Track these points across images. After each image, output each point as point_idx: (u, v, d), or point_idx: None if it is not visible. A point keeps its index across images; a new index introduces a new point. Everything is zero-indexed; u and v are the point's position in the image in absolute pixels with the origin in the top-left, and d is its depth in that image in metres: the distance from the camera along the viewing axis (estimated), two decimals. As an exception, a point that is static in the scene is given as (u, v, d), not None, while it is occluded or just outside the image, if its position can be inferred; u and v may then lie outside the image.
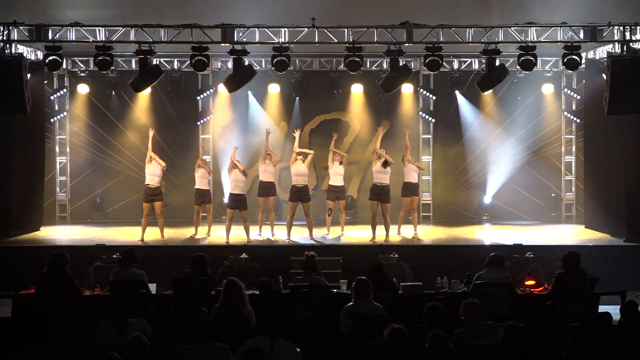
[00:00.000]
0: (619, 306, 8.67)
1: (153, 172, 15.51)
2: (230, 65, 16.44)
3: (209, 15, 15.34)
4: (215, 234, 16.19)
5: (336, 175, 15.89)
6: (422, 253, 14.40)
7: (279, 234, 15.95)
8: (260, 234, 16.05)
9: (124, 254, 10.80)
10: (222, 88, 17.50)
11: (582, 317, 9.20)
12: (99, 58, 15.13)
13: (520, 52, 15.24)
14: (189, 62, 15.71)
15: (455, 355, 7.31)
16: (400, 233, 16.17)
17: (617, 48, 15.09)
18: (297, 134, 16.10)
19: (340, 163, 15.87)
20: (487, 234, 17.09)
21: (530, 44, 15.21)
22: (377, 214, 15.36)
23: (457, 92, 18.81)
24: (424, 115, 19.32)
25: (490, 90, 16.92)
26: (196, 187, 16.20)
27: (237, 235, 15.79)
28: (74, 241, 15.84)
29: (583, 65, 16.22)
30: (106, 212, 19.10)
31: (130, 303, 8.28)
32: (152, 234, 15.91)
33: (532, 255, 13.50)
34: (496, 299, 9.95)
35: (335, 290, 10.89)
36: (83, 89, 18.84)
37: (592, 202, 17.34)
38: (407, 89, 18.62)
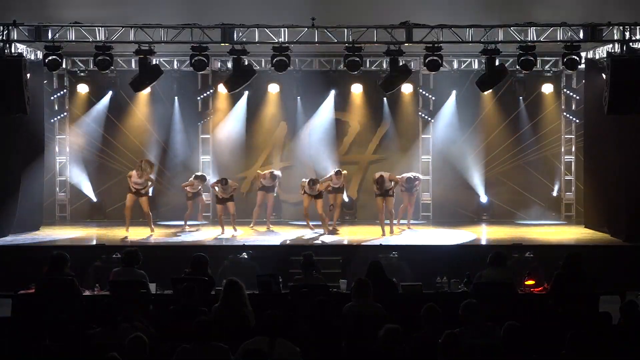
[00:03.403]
0: (619, 306, 8.67)
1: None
2: (230, 65, 16.45)
3: (209, 15, 15.33)
4: (213, 233, 16.40)
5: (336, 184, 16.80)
6: (422, 253, 14.39)
7: (277, 233, 16.38)
8: (252, 226, 16.88)
9: (128, 254, 10.76)
10: (222, 88, 17.52)
11: (582, 317, 9.20)
12: (99, 58, 15.17)
13: (520, 52, 15.26)
14: (188, 62, 15.72)
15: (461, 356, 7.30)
16: (399, 226, 16.96)
17: (617, 48, 15.09)
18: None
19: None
20: (487, 234, 17.10)
21: (530, 43, 15.22)
22: (383, 209, 16.12)
23: (454, 92, 18.81)
24: (423, 115, 19.32)
25: (490, 90, 16.93)
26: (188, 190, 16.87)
27: (237, 235, 16.00)
28: (73, 241, 15.85)
29: (583, 65, 16.24)
30: (106, 212, 19.09)
31: (124, 307, 8.26)
32: (152, 234, 16.11)
33: (532, 255, 13.50)
34: (496, 299, 9.94)
35: (334, 290, 10.89)
36: (83, 88, 18.83)
37: (592, 202, 17.34)
38: (406, 88, 18.60)
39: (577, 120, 18.99)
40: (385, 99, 18.82)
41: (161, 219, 18.37)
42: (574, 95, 19.06)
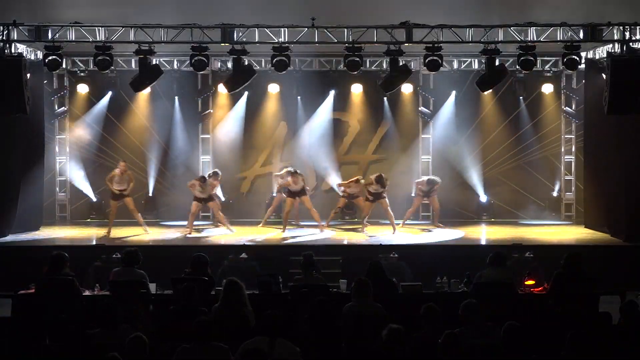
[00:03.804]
0: (619, 306, 8.67)
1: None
2: (230, 65, 16.45)
3: (209, 15, 15.32)
4: (214, 233, 16.40)
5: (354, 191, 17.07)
6: (422, 253, 14.40)
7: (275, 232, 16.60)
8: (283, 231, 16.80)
9: (128, 254, 10.74)
10: (222, 88, 17.53)
11: (582, 317, 9.20)
12: (99, 58, 15.16)
13: (520, 52, 15.25)
14: (188, 62, 15.72)
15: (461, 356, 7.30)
16: (403, 225, 17.21)
17: (617, 48, 15.09)
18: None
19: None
20: (487, 234, 17.10)
21: (530, 43, 15.22)
22: (369, 212, 16.73)
23: (454, 92, 18.81)
24: (423, 115, 19.31)
25: (490, 90, 16.92)
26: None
27: (236, 235, 16.00)
28: (73, 241, 15.85)
29: (583, 65, 16.23)
30: (106, 212, 19.07)
31: (124, 307, 8.25)
32: (151, 235, 16.15)
33: (532, 255, 13.50)
34: (496, 299, 9.94)
35: (334, 290, 10.88)
36: (83, 88, 18.83)
37: (592, 202, 17.34)
38: (406, 88, 18.61)
39: (577, 121, 18.98)
40: (385, 99, 18.81)
41: (161, 219, 18.37)
42: (574, 96, 19.05)
